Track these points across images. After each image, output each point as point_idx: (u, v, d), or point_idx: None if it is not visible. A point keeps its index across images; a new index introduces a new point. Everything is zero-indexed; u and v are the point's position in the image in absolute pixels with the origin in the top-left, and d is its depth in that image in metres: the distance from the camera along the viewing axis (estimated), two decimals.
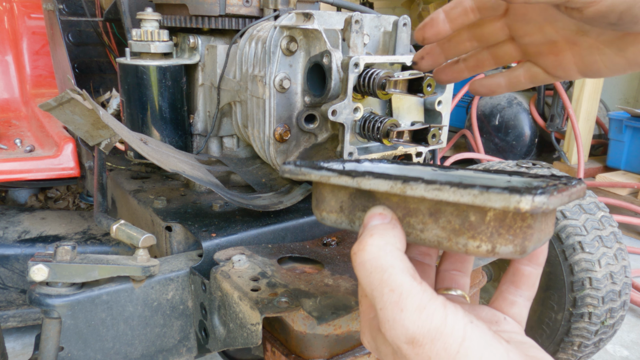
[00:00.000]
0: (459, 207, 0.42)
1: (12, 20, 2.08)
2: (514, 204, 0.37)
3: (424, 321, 0.38)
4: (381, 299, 0.40)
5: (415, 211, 0.44)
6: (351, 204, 0.49)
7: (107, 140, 1.06)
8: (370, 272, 0.41)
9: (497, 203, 0.38)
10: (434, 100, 0.92)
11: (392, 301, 0.40)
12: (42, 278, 0.71)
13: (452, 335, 0.38)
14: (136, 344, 0.83)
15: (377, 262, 0.41)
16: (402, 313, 0.39)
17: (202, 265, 0.87)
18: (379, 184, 0.44)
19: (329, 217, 0.52)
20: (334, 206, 0.51)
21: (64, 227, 1.49)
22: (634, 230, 2.77)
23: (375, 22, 0.95)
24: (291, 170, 0.53)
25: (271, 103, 0.93)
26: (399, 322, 0.39)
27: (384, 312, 0.40)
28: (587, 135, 3.20)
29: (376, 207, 0.46)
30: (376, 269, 0.41)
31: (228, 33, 1.17)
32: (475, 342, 0.38)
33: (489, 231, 0.41)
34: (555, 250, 1.37)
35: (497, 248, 0.41)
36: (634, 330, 1.92)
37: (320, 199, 0.52)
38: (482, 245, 0.41)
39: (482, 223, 0.41)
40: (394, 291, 0.40)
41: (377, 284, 0.41)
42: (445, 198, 0.40)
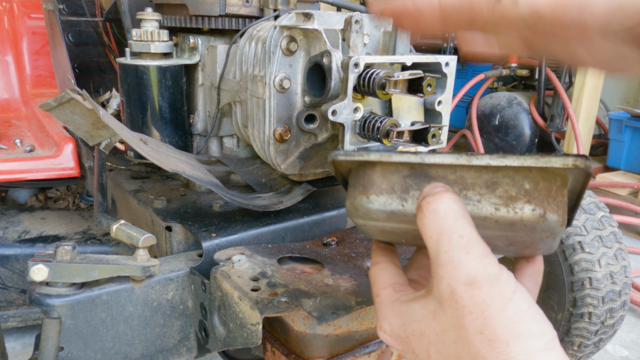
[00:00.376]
0: (515, 178, 0.47)
1: (12, 20, 2.08)
2: (572, 162, 0.44)
3: (485, 266, 0.42)
4: (449, 242, 0.44)
5: (472, 185, 0.48)
6: (404, 184, 0.51)
7: (107, 140, 1.06)
8: (443, 218, 0.45)
9: (558, 162, 0.44)
10: (434, 100, 0.92)
11: (461, 244, 0.43)
12: (42, 278, 0.71)
13: (507, 284, 0.42)
14: (136, 344, 0.83)
15: (450, 211, 0.45)
16: (468, 255, 0.43)
17: (202, 265, 0.87)
18: (443, 158, 0.48)
19: (377, 199, 0.52)
20: (385, 188, 0.52)
21: (64, 227, 1.49)
22: (634, 230, 2.77)
23: (375, 22, 0.95)
24: (347, 152, 0.54)
25: (271, 103, 0.93)
26: (464, 262, 0.42)
27: (450, 254, 0.43)
28: (587, 135, 3.20)
29: (436, 182, 0.49)
30: (449, 216, 0.45)
31: (228, 33, 1.17)
32: (525, 295, 0.42)
33: (541, 197, 0.46)
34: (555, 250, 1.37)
35: (547, 214, 0.46)
36: (634, 330, 1.92)
37: (367, 184, 0.53)
38: (536, 209, 0.46)
39: (535, 190, 0.46)
40: (462, 237, 0.43)
41: (447, 228, 0.44)
42: (510, 163, 0.45)
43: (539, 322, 0.41)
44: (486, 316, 0.41)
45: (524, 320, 0.40)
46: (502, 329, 0.40)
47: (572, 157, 0.44)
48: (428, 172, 0.50)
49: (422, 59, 0.88)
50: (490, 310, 0.41)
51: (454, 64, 0.90)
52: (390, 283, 0.53)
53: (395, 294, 0.51)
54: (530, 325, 0.40)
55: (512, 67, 3.54)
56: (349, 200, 0.55)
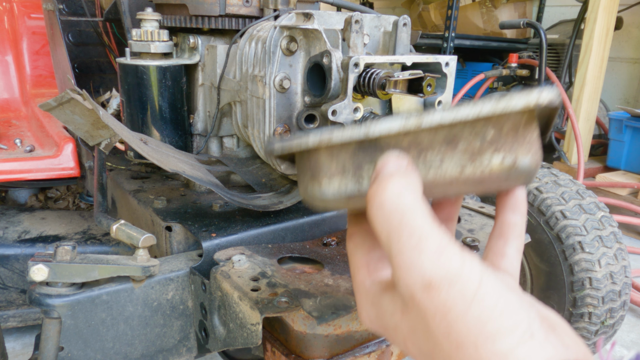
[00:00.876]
0: (475, 127, 0.41)
1: (12, 20, 2.08)
2: (535, 100, 0.39)
3: (442, 264, 0.37)
4: (399, 242, 0.39)
5: (430, 145, 0.43)
6: (356, 162, 0.45)
7: (107, 140, 1.06)
8: (390, 214, 0.40)
9: (519, 103, 0.39)
10: (434, 100, 0.92)
11: (411, 244, 0.38)
12: (42, 278, 0.71)
13: (470, 280, 0.37)
14: (136, 344, 0.83)
15: (397, 204, 0.40)
16: (420, 256, 0.38)
17: (202, 265, 0.87)
18: (390, 126, 0.42)
19: (330, 185, 0.46)
20: (335, 170, 0.46)
21: (64, 227, 1.49)
22: (634, 230, 2.77)
23: (375, 22, 0.95)
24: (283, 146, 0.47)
25: (271, 103, 0.93)
26: (417, 264, 0.38)
27: (401, 256, 0.39)
28: (587, 135, 3.20)
29: (389, 153, 0.44)
30: (396, 210, 0.39)
31: (228, 33, 1.17)
32: (491, 287, 0.37)
33: (508, 143, 0.41)
34: (555, 250, 1.37)
35: (519, 159, 0.41)
36: (634, 330, 1.92)
37: (315, 169, 0.47)
38: (506, 157, 0.41)
39: (501, 136, 0.41)
40: (413, 234, 0.38)
41: (395, 226, 0.39)
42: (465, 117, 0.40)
43: (510, 315, 0.36)
44: (450, 320, 0.37)
45: (492, 317, 0.36)
46: (468, 331, 0.36)
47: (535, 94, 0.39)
48: (378, 142, 0.44)
49: (422, 59, 0.88)
50: (453, 313, 0.37)
51: (454, 64, 0.90)
52: (365, 262, 0.48)
53: (368, 277, 0.47)
54: (499, 323, 0.36)
55: (512, 67, 3.54)
56: (301, 187, 0.49)
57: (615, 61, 3.97)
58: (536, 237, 1.41)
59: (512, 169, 0.42)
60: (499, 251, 0.49)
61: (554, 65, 3.58)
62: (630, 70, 3.95)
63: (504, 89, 3.74)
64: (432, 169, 0.43)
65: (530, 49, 3.83)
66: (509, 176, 0.43)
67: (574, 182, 1.47)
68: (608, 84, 3.91)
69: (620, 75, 4.00)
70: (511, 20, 3.36)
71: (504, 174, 0.42)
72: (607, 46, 3.06)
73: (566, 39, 3.47)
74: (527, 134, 0.41)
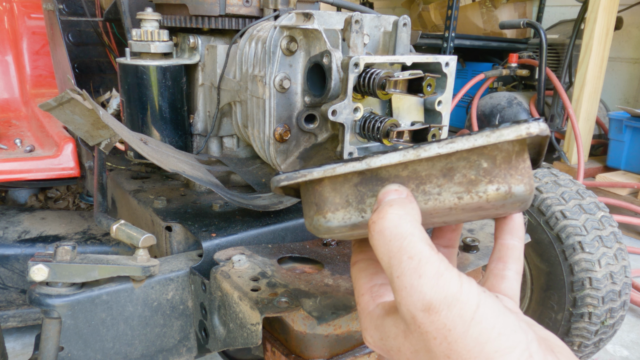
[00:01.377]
0: (470, 159, 0.44)
1: (12, 20, 2.08)
2: (525, 130, 0.41)
3: (441, 287, 0.39)
4: (399, 266, 0.41)
5: (428, 177, 0.45)
6: (358, 194, 0.48)
7: (107, 140, 1.06)
8: (390, 240, 0.42)
9: (511, 134, 0.41)
10: (434, 100, 0.92)
11: (411, 268, 0.40)
12: (42, 278, 0.71)
13: (468, 302, 0.38)
14: (136, 344, 0.83)
15: (397, 230, 0.42)
16: (420, 279, 0.39)
17: (202, 265, 0.87)
18: (390, 158, 0.45)
19: (334, 217, 0.48)
20: (339, 203, 0.48)
21: (64, 227, 1.49)
22: (634, 230, 2.77)
23: (375, 22, 0.95)
24: (288, 176, 0.50)
25: (271, 103, 0.93)
26: (417, 288, 0.39)
27: (402, 279, 0.40)
28: (587, 135, 3.20)
29: (390, 185, 0.46)
30: (396, 236, 0.41)
31: (228, 33, 1.17)
32: (489, 309, 0.39)
33: (502, 173, 0.43)
34: (555, 250, 1.37)
35: (513, 188, 0.43)
36: (634, 330, 1.92)
37: (320, 202, 0.49)
38: (500, 187, 0.43)
39: (495, 167, 0.43)
40: (412, 258, 0.40)
41: (396, 251, 0.41)
42: (461, 147, 0.42)
43: (508, 336, 0.38)
44: (450, 341, 0.38)
45: (491, 339, 0.38)
46: (468, 353, 0.38)
47: (525, 125, 0.41)
48: (379, 175, 0.47)
49: (422, 59, 0.88)
50: (453, 335, 0.38)
51: (454, 64, 0.90)
52: (369, 287, 0.50)
53: (372, 301, 0.49)
54: (498, 344, 0.37)
55: (512, 67, 3.54)
56: (307, 220, 0.52)
57: (615, 61, 3.97)
58: (536, 237, 1.41)
59: (507, 197, 0.44)
60: (499, 274, 0.52)
61: (554, 65, 3.58)
62: (630, 70, 3.95)
63: (503, 89, 3.74)
64: (430, 199, 0.45)
65: (530, 49, 3.83)
66: (504, 204, 0.45)
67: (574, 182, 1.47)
68: (608, 84, 3.91)
69: (620, 75, 4.00)
70: (511, 20, 3.36)
71: (499, 202, 0.44)
72: (607, 46, 3.06)
73: (566, 39, 3.47)
74: (520, 164, 0.44)
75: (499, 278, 0.51)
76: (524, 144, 0.44)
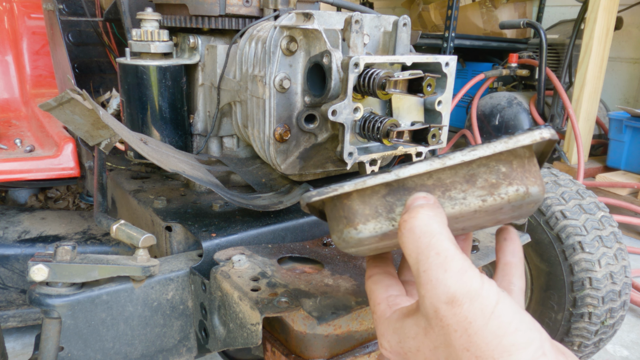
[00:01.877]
0: (489, 165, 0.48)
1: (12, 20, 2.08)
2: (539, 135, 0.46)
3: (465, 282, 0.42)
4: (427, 261, 0.44)
5: (453, 184, 0.49)
6: (387, 204, 0.50)
7: (107, 140, 1.06)
8: (419, 237, 0.45)
9: (527, 139, 0.46)
10: (434, 100, 0.92)
11: (438, 263, 0.43)
12: (42, 278, 0.71)
13: (488, 298, 0.41)
14: (136, 344, 0.83)
15: (426, 228, 0.45)
16: (445, 273, 0.42)
17: (202, 265, 0.87)
18: (417, 168, 0.48)
19: (365, 227, 0.51)
20: (369, 214, 0.51)
21: (64, 227, 1.49)
22: (634, 230, 2.77)
23: (375, 22, 0.95)
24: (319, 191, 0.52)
25: (271, 103, 0.93)
26: (442, 281, 0.42)
27: (428, 273, 0.43)
28: (587, 135, 3.20)
29: (417, 193, 0.49)
30: (425, 233, 0.44)
31: (228, 33, 1.17)
32: (507, 306, 0.41)
33: (519, 176, 0.48)
34: (555, 250, 1.37)
35: (530, 189, 0.48)
36: (634, 330, 1.92)
37: (350, 215, 0.51)
38: (519, 188, 0.47)
39: (512, 170, 0.48)
40: (439, 254, 0.43)
41: (424, 247, 0.44)
42: (482, 154, 0.46)
43: (524, 332, 0.41)
44: (470, 333, 0.41)
45: (508, 332, 0.40)
46: (486, 345, 0.40)
47: (537, 130, 0.46)
48: (405, 185, 0.50)
49: (422, 59, 0.88)
50: (473, 327, 0.41)
51: (454, 64, 0.90)
52: (385, 297, 0.53)
53: (389, 309, 0.51)
54: (515, 338, 0.40)
55: (512, 67, 3.54)
56: (336, 234, 0.53)
57: (615, 61, 3.97)
58: (536, 237, 1.41)
59: (526, 197, 0.48)
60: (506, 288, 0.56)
61: (554, 65, 3.58)
62: (630, 70, 3.95)
63: (503, 89, 3.74)
64: (457, 204, 0.49)
65: (530, 49, 3.83)
66: (522, 204, 0.49)
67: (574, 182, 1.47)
68: (608, 84, 3.91)
69: (620, 75, 4.00)
70: (511, 20, 3.36)
71: (518, 202, 0.48)
72: (607, 46, 3.06)
73: (566, 39, 3.47)
74: (532, 167, 0.49)
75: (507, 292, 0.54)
76: (531, 149, 0.48)
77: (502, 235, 0.59)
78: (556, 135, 0.47)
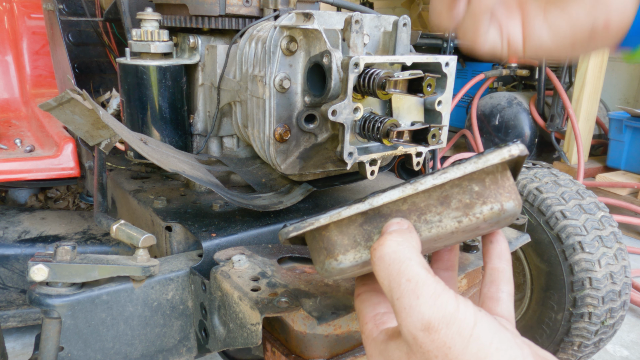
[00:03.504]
0: (462, 185, 0.48)
1: (12, 20, 2.08)
2: (507, 153, 0.46)
3: (439, 307, 0.41)
4: (398, 289, 0.43)
5: (427, 207, 0.49)
6: (365, 233, 0.51)
7: (107, 140, 1.06)
8: (389, 264, 0.44)
9: (496, 158, 0.46)
10: (434, 100, 0.92)
11: (409, 289, 0.42)
12: (42, 278, 0.71)
13: (465, 320, 0.40)
14: (136, 344, 0.83)
15: (395, 255, 0.44)
16: (418, 300, 0.42)
17: (202, 265, 0.87)
18: (390, 195, 0.48)
19: (346, 258, 0.51)
20: (348, 244, 0.51)
21: (64, 227, 1.49)
22: (634, 230, 2.77)
23: (375, 22, 0.95)
24: (296, 227, 0.52)
25: (271, 103, 0.93)
26: (416, 308, 0.41)
27: (401, 300, 0.42)
28: (587, 135, 3.20)
29: (392, 219, 0.49)
30: (395, 260, 0.44)
31: (228, 33, 1.17)
32: (486, 326, 0.41)
33: (493, 193, 0.48)
34: (555, 250, 1.37)
35: (505, 205, 0.48)
36: (634, 330, 1.92)
37: (329, 246, 0.52)
38: (494, 206, 0.48)
39: (485, 189, 0.48)
40: (410, 280, 0.43)
41: (395, 274, 0.44)
42: (453, 176, 0.47)
43: (505, 351, 0.40)
44: (451, 358, 0.40)
45: (489, 354, 0.40)
46: None
47: (506, 148, 0.46)
48: (381, 212, 0.50)
49: (422, 59, 0.88)
50: (454, 352, 0.40)
51: (454, 64, 0.90)
52: (372, 316, 0.53)
53: (376, 328, 0.51)
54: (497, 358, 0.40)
55: (512, 67, 3.54)
56: (318, 265, 0.54)
57: (615, 61, 3.97)
58: (536, 237, 1.41)
59: (501, 214, 0.48)
60: (493, 296, 0.55)
61: (554, 65, 3.58)
62: (630, 70, 3.95)
63: (503, 89, 3.74)
64: (433, 227, 0.49)
65: None
66: (499, 220, 0.49)
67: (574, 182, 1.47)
68: (608, 84, 3.91)
69: (620, 75, 4.00)
70: None
71: (494, 219, 0.49)
72: None
73: None
74: (505, 182, 0.49)
75: (494, 301, 0.54)
76: (505, 164, 0.49)
77: (488, 238, 0.58)
78: (526, 150, 0.47)
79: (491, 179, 0.48)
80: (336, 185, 1.09)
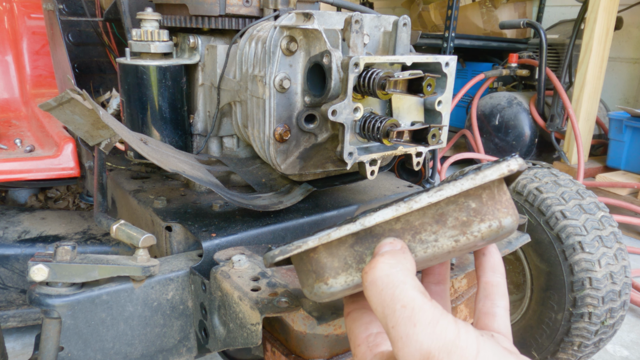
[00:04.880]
0: (458, 202, 0.46)
1: (12, 20, 2.08)
2: (507, 168, 0.44)
3: (438, 335, 0.38)
4: (393, 316, 0.40)
5: (422, 225, 0.46)
6: (356, 254, 0.48)
7: (107, 140, 1.06)
8: (382, 289, 0.41)
9: (494, 174, 0.44)
10: (434, 100, 0.92)
11: (405, 316, 0.39)
12: (42, 278, 0.71)
13: (467, 349, 0.37)
14: (136, 344, 0.83)
15: (388, 279, 0.41)
16: (415, 328, 0.38)
17: (202, 265, 0.87)
18: (383, 214, 0.45)
19: (336, 281, 0.48)
20: (338, 266, 0.48)
21: (64, 227, 1.49)
22: (634, 230, 2.77)
23: (375, 22, 0.95)
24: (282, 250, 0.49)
25: (271, 103, 0.93)
26: (413, 337, 0.38)
27: (396, 329, 0.39)
28: (587, 135, 3.20)
29: (384, 239, 0.46)
30: (388, 285, 0.41)
31: (228, 33, 1.17)
32: (490, 353, 0.38)
33: (490, 210, 0.46)
34: (555, 250, 1.37)
35: (503, 221, 0.46)
36: (634, 330, 1.92)
37: (318, 269, 0.49)
38: (492, 224, 0.46)
39: (482, 205, 0.46)
40: (406, 307, 0.39)
41: (389, 300, 0.41)
42: (449, 193, 0.44)
43: None
44: None
45: None
46: None
47: (505, 163, 0.44)
48: (373, 231, 0.47)
49: (422, 59, 0.88)
50: None
51: (454, 64, 0.90)
52: (365, 337, 0.50)
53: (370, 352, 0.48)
54: None
55: (512, 67, 3.54)
56: (307, 289, 0.51)
57: (615, 61, 3.97)
58: (536, 237, 1.41)
59: (499, 231, 0.46)
60: (489, 311, 0.52)
61: (554, 65, 3.58)
62: (630, 70, 3.95)
63: (503, 89, 3.74)
64: (429, 247, 0.46)
65: (530, 49, 3.83)
66: (497, 237, 0.47)
67: (574, 182, 1.47)
68: (608, 84, 3.91)
69: (620, 75, 4.00)
70: (511, 20, 3.36)
71: (492, 237, 0.46)
72: (607, 46, 3.06)
73: (566, 39, 3.47)
74: (502, 197, 0.47)
75: (490, 316, 0.51)
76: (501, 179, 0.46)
77: (481, 251, 0.55)
78: (525, 164, 0.45)
79: (488, 194, 0.46)
80: (336, 185, 1.09)
